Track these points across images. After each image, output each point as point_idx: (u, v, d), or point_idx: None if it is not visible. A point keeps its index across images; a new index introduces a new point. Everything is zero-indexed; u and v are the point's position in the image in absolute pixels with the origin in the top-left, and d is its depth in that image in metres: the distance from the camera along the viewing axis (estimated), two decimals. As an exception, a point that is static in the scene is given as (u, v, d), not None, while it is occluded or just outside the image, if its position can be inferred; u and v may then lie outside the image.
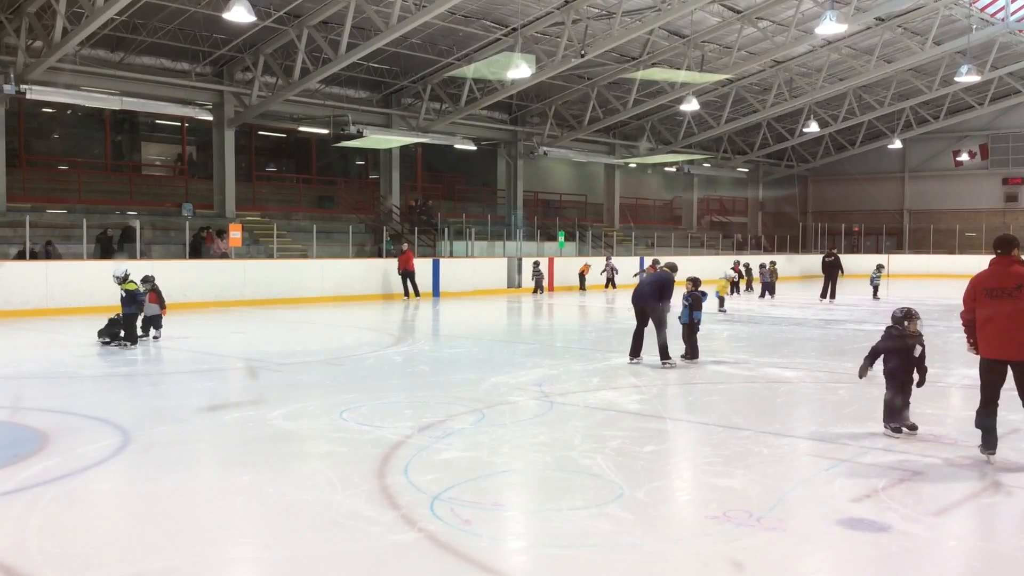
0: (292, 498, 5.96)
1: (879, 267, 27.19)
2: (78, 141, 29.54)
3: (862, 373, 8.01)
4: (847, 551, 5.18)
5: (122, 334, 13.74)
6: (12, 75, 21.82)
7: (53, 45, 20.63)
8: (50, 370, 11.82)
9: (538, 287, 28.70)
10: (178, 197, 28.18)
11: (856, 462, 6.97)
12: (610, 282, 30.22)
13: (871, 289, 26.36)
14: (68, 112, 27.94)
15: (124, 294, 13.84)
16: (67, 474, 6.48)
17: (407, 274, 25.11)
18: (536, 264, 29.07)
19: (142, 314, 14.14)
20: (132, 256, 22.04)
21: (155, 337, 14.33)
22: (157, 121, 30.19)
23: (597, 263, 31.03)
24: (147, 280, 14.35)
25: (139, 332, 14.12)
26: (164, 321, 14.70)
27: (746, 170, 47.95)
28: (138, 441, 7.54)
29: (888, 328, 8.04)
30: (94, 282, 14.80)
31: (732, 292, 25.17)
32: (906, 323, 7.88)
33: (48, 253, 21.19)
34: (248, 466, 6.86)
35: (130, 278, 13.99)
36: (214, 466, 7.09)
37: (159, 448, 7.39)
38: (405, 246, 25.78)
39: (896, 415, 7.81)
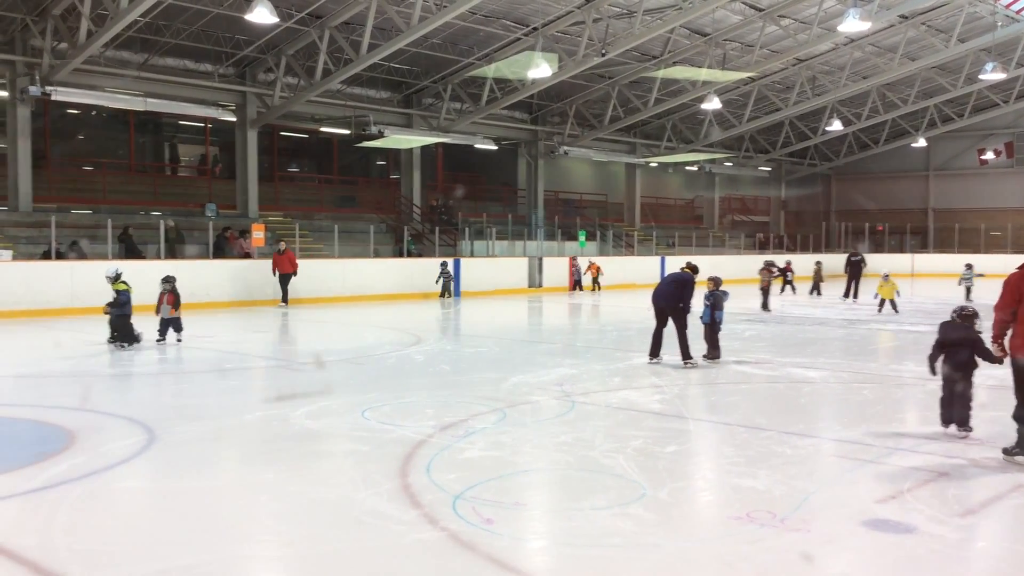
0: (315, 496, 5.99)
1: (968, 267, 25.58)
2: (103, 142, 29.81)
3: (933, 369, 7.81)
4: (872, 553, 5.14)
5: (115, 335, 13.57)
6: (38, 77, 22.07)
7: (78, 47, 20.84)
8: (76, 369, 11.94)
9: (577, 285, 29.39)
10: (202, 197, 28.37)
11: (881, 463, 6.92)
12: (577, 284, 29.84)
13: (962, 291, 24.58)
14: (93, 113, 28.20)
15: (116, 294, 13.60)
16: (93, 472, 6.55)
17: (285, 277, 21.84)
18: (573, 259, 29.71)
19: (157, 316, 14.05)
20: (157, 256, 22.25)
21: (178, 340, 14.12)
22: (181, 122, 30.41)
23: (604, 262, 31.05)
24: (167, 280, 14.19)
25: (158, 335, 13.98)
26: (186, 321, 14.68)
27: (768, 169, 47.67)
28: (163, 439, 7.60)
29: (946, 323, 7.87)
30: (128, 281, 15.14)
31: (781, 291, 24.85)
32: (973, 319, 7.74)
33: (74, 253, 21.40)
34: (271, 464, 6.90)
35: (121, 278, 13.74)
36: (238, 464, 7.13)
37: (183, 446, 7.45)
38: (283, 245, 22.05)
39: (968, 408, 7.62)
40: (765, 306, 21.36)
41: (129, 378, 11.58)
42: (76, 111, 27.57)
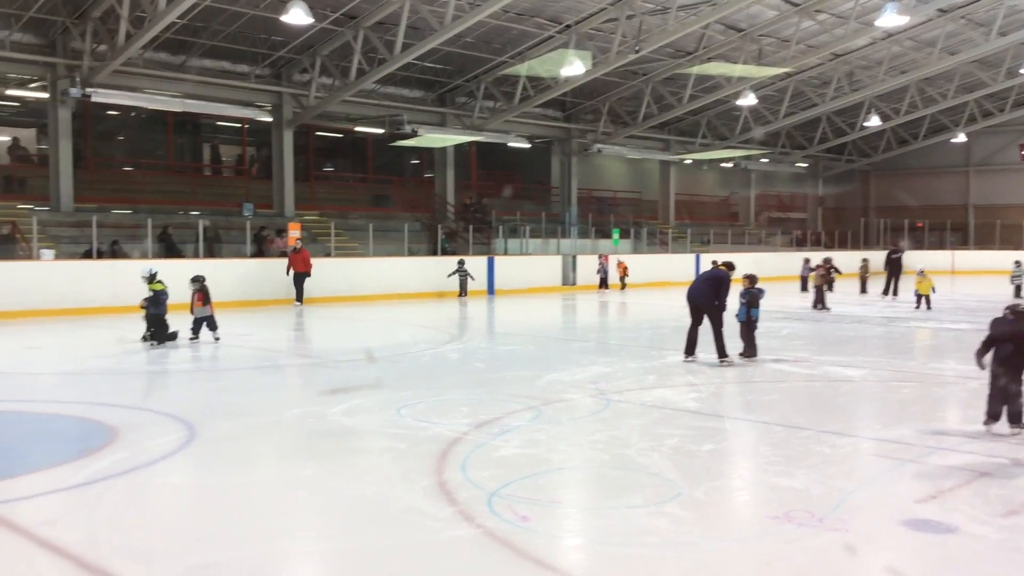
0: (352, 493, 6.04)
1: (1017, 264, 25.17)
2: (142, 143, 30.24)
3: (981, 364, 7.70)
4: (912, 553, 5.08)
5: (149, 333, 13.64)
6: (78, 79, 22.43)
7: (117, 49, 21.15)
8: (117, 366, 12.12)
9: (603, 283, 29.00)
10: (239, 197, 28.68)
11: (921, 462, 6.83)
12: (603, 282, 29.22)
13: (1012, 289, 24.23)
14: (132, 114, 28.61)
15: (151, 293, 13.69)
16: (135, 467, 6.65)
17: (301, 277, 21.60)
18: (601, 257, 29.47)
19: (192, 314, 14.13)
20: (195, 255, 22.53)
21: (191, 339, 14.06)
22: (218, 123, 30.76)
23: (638, 260, 30.90)
24: (196, 280, 14.19)
25: (191, 334, 14.04)
26: (224, 319, 14.82)
27: (805, 165, 47.18)
28: (203, 435, 7.70)
29: (997, 319, 7.77)
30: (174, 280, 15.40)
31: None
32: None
33: (114, 252, 21.75)
34: (309, 461, 6.97)
35: (156, 278, 13.82)
36: (276, 460, 7.21)
37: (223, 442, 7.55)
38: (298, 244, 21.99)
39: (1019, 405, 7.51)
40: (821, 304, 20.73)
41: (169, 375, 11.75)
42: (115, 112, 27.97)
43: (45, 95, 23.67)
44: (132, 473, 6.50)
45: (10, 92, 24.99)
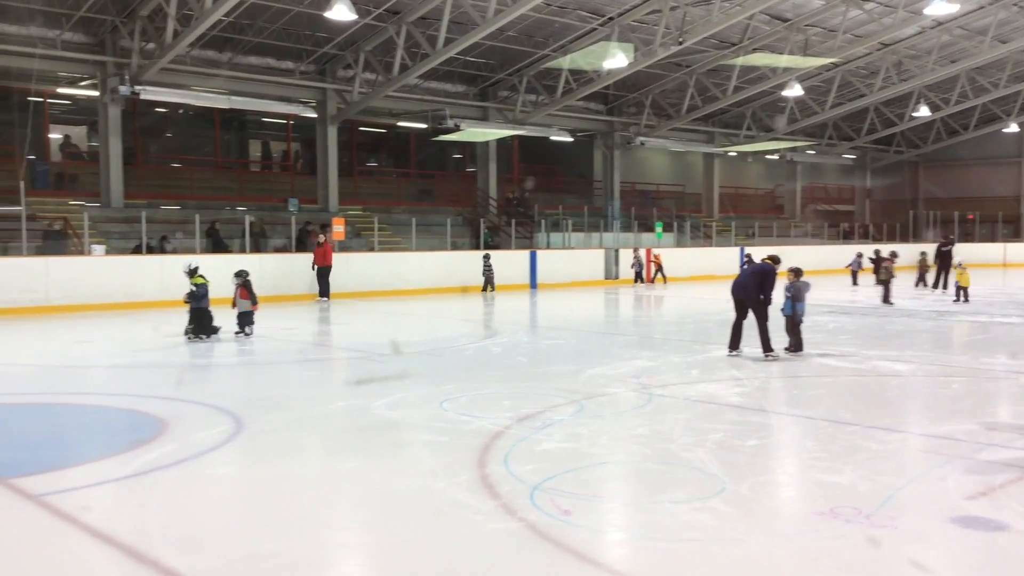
0: (395, 485, 6.09)
1: None
2: (189, 139, 30.70)
3: None
4: (962, 550, 4.99)
5: (192, 327, 13.76)
6: (127, 77, 22.85)
7: (165, 47, 21.49)
8: (166, 359, 12.33)
9: (638, 277, 28.64)
10: (284, 192, 29.01)
11: (971, 458, 6.70)
12: (639, 276, 28.72)
13: None
14: (180, 111, 29.06)
15: (194, 288, 13.78)
16: (183, 459, 6.77)
17: (322, 271, 21.66)
18: (636, 250, 29.08)
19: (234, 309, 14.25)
20: (242, 250, 22.84)
21: (247, 334, 14.11)
22: (264, 119, 31.12)
23: (682, 254, 30.58)
24: (239, 275, 14.21)
25: (236, 328, 14.10)
26: (269, 313, 14.99)
27: (853, 157, 46.45)
28: (250, 428, 7.81)
29: None
30: (205, 275, 15.51)
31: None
32: None
33: (163, 247, 22.13)
34: (352, 453, 7.03)
35: (198, 272, 13.91)
36: (320, 453, 7.29)
37: (269, 435, 7.65)
38: (322, 238, 21.87)
39: None
40: (887, 299, 20.14)
41: (217, 369, 11.92)
42: (164, 109, 28.43)
43: (95, 93, 24.16)
44: (181, 465, 6.62)
45: (62, 90, 25.53)
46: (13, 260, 19.09)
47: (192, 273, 13.94)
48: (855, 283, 27.21)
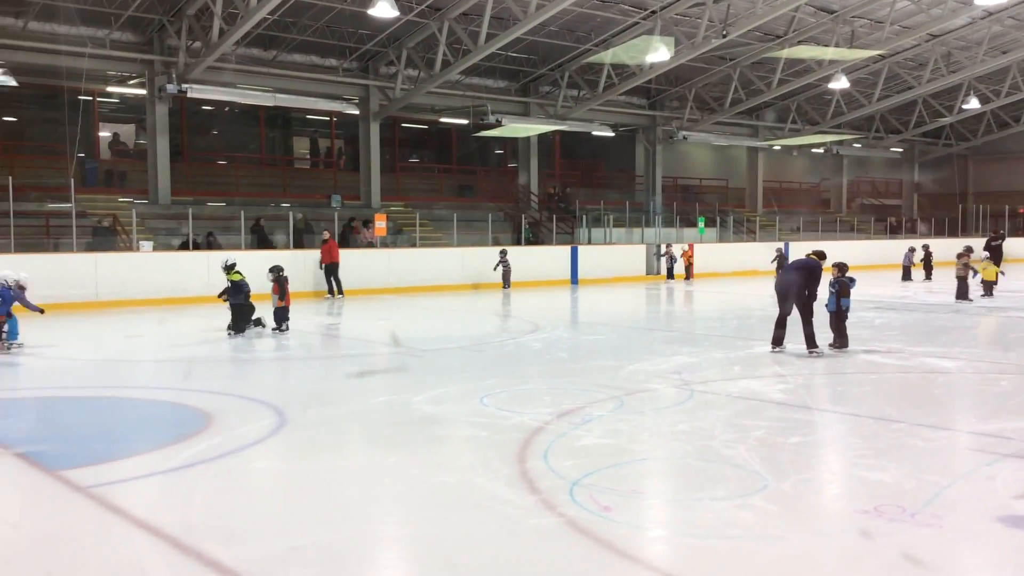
0: (435, 480, 6.12)
1: None
2: (235, 137, 31.10)
3: None
4: (1009, 550, 4.90)
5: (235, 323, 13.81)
6: (174, 75, 23.23)
7: (211, 45, 21.79)
8: (212, 354, 12.52)
9: (669, 274, 28.16)
10: (327, 188, 29.27)
11: (1020, 456, 6.57)
12: (669, 272, 28.15)
13: None
14: (226, 109, 29.44)
15: (230, 284, 13.83)
16: (228, 452, 6.87)
17: (330, 268, 21.41)
18: (668, 247, 28.48)
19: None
20: (286, 246, 23.10)
21: (282, 330, 14.05)
22: (308, 116, 31.44)
23: (725, 249, 30.22)
24: (273, 270, 14.28)
25: (274, 324, 14.12)
26: (312, 308, 15.13)
27: (900, 150, 45.65)
28: (293, 422, 7.91)
29: None
30: (251, 271, 15.73)
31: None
32: None
33: (209, 243, 22.46)
34: (394, 448, 7.09)
35: (235, 269, 13.94)
36: (362, 447, 7.36)
37: (312, 429, 7.74)
38: (326, 235, 21.74)
39: None
40: (964, 295, 19.39)
41: (260, 363, 12.07)
42: (210, 107, 28.83)
43: (143, 91, 24.58)
44: (226, 458, 6.72)
45: (111, 89, 26.01)
46: (64, 256, 19.51)
47: (229, 269, 13.98)
48: (908, 278, 26.74)
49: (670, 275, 28.09)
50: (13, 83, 21.68)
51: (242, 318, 13.96)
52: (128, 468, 6.56)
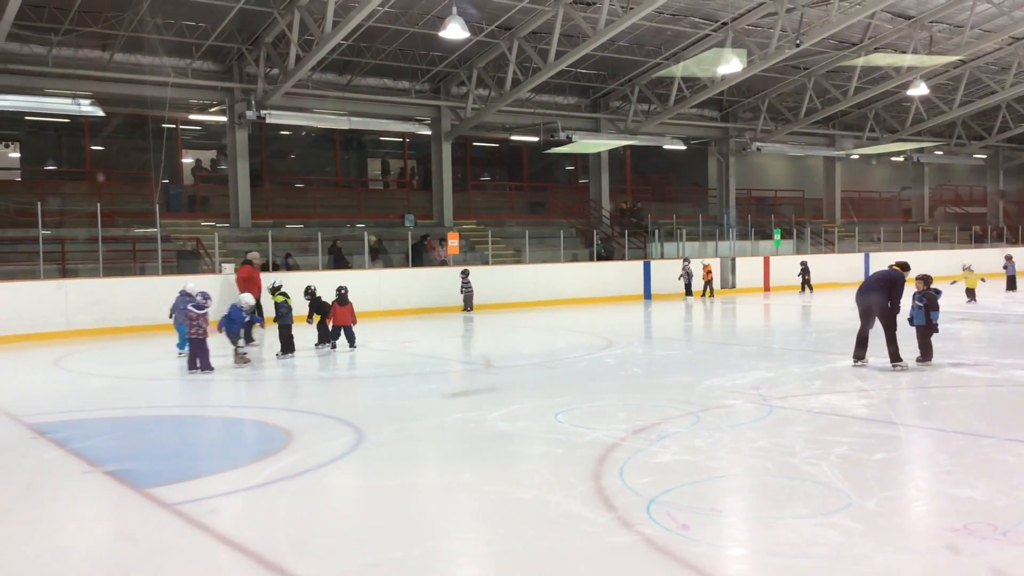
0: (511, 496, 6.13)
1: None
2: (311, 160, 31.80)
3: None
4: (1112, 573, 4.68)
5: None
6: (253, 102, 23.92)
7: (288, 72, 22.36)
8: (291, 373, 12.78)
9: (688, 290, 26.56)
10: (401, 209, 29.68)
11: (1122, 475, 6.28)
12: (687, 289, 26.47)
13: None
14: (302, 133, 30.13)
15: (275, 306, 13.86)
16: (309, 469, 7.00)
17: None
18: (686, 263, 26.81)
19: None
20: (362, 266, 23.48)
21: (332, 347, 14.41)
22: (381, 138, 31.98)
23: (806, 260, 29.56)
24: (307, 292, 14.60)
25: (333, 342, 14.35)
26: (387, 326, 15.32)
27: (984, 156, 44.23)
28: (370, 439, 8.02)
29: None
30: (328, 291, 16.06)
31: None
32: None
33: (288, 265, 22.96)
34: (469, 464, 7.13)
35: (281, 290, 14.00)
36: (438, 463, 7.41)
37: (389, 445, 7.83)
38: (250, 256, 18.86)
39: None
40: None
41: (336, 381, 12.28)
42: (287, 132, 29.53)
43: (223, 118, 25.33)
44: (306, 475, 6.85)
45: (193, 117, 26.86)
46: (150, 279, 20.14)
47: (275, 291, 14.06)
48: (1012, 287, 25.81)
49: (688, 292, 26.51)
50: (100, 113, 22.58)
51: (287, 340, 13.87)
52: (213, 485, 6.73)
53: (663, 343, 16.14)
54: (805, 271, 28.09)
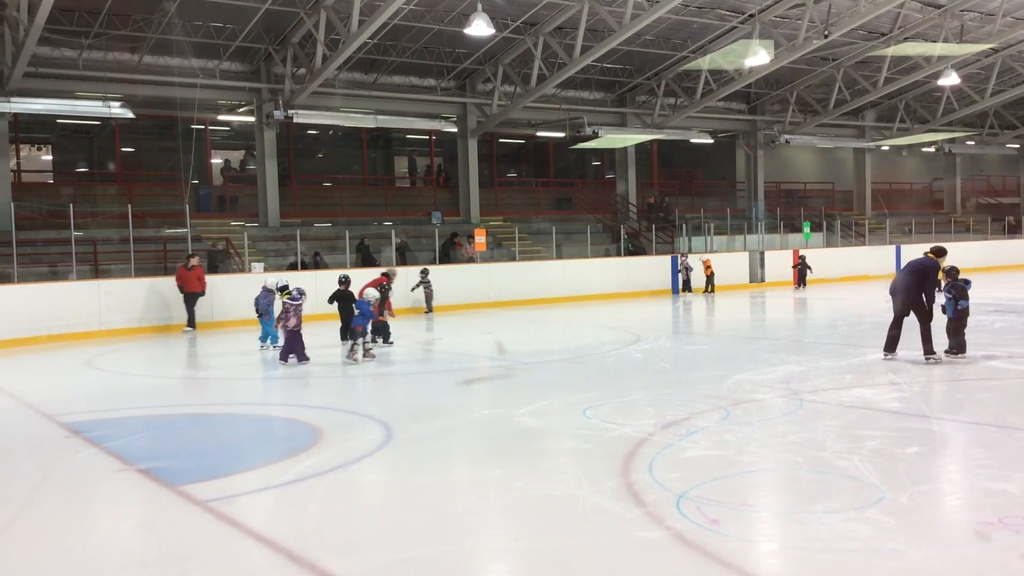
0: (540, 493, 6.13)
1: None
2: (338, 159, 31.97)
3: None
4: None
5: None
6: (281, 102, 24.09)
7: (315, 72, 22.49)
8: (320, 371, 12.85)
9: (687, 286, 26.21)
10: (428, 206, 29.77)
11: None
12: (686, 285, 26.09)
13: None
14: (330, 132, 30.29)
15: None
16: (338, 466, 7.05)
17: (192, 297, 18.45)
18: (684, 257, 26.42)
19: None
20: (389, 263, 23.56)
21: (370, 344, 14.03)
22: (407, 136, 32.08)
23: (831, 254, 29.26)
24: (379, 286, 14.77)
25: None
26: (415, 324, 15.38)
27: (1017, 146, 43.57)
28: (399, 436, 8.05)
29: None
30: (356, 288, 16.15)
31: None
32: None
33: (316, 263, 23.11)
34: (498, 461, 7.14)
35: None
36: (467, 460, 7.43)
37: (418, 442, 7.86)
38: (194, 260, 18.64)
39: None
40: None
41: (365, 378, 12.32)
42: (314, 131, 29.71)
43: (251, 119, 25.53)
44: (337, 471, 6.89)
45: (221, 117, 27.10)
46: (181, 279, 20.32)
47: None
48: None
49: (687, 288, 26.15)
50: (130, 115, 22.83)
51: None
52: (244, 482, 6.79)
53: (691, 338, 16.07)
54: (803, 264, 27.64)
